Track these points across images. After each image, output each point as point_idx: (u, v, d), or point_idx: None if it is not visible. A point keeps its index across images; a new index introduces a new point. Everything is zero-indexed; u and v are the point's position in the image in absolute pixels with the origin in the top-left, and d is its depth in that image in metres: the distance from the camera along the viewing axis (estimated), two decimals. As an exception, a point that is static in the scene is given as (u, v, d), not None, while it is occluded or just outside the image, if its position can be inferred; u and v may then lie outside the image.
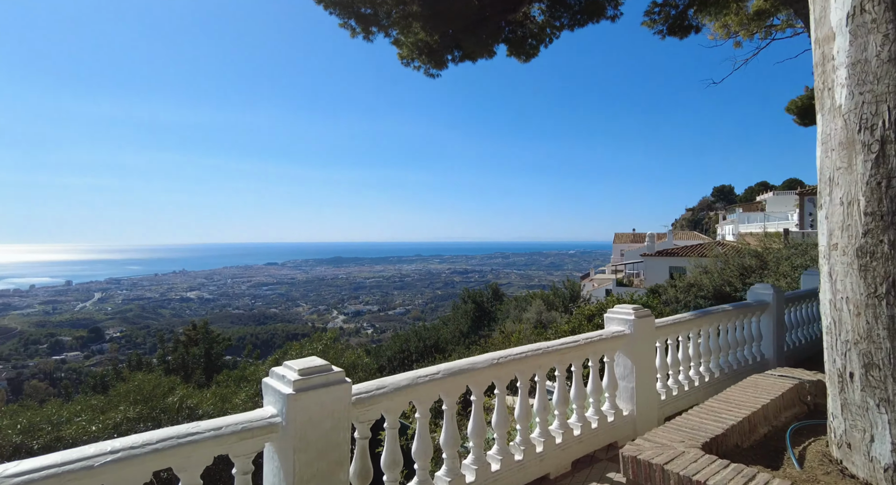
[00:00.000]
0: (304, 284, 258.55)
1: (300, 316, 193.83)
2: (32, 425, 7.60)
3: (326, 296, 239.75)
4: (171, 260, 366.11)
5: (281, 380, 2.47)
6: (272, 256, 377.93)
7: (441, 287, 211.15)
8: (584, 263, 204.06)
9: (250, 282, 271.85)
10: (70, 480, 1.81)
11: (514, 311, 37.29)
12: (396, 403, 2.87)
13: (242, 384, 11.75)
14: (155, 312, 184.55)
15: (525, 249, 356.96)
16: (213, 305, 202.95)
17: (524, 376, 3.67)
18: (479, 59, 11.14)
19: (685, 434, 2.65)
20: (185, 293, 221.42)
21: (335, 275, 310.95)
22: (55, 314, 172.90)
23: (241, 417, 2.34)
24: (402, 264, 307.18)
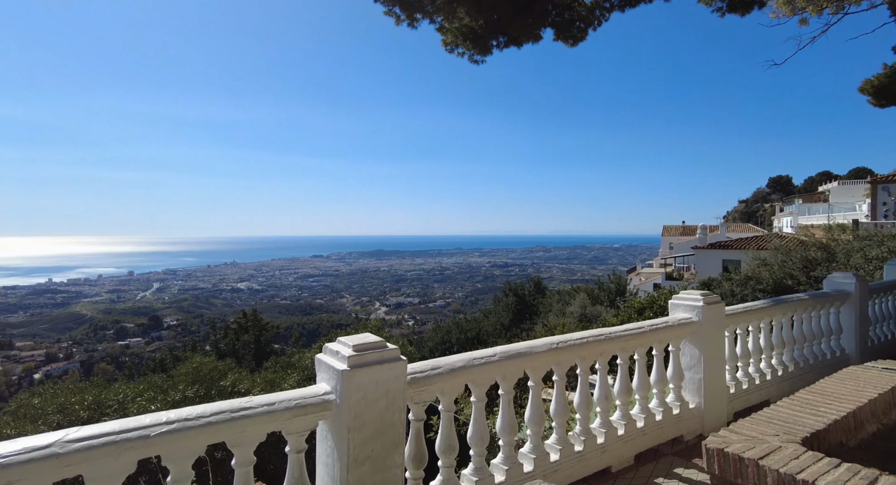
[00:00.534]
0: (347, 276, 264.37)
1: (344, 307, 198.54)
2: (100, 402, 7.97)
3: (369, 288, 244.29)
4: (223, 252, 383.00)
5: (335, 356, 2.37)
6: (318, 249, 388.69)
7: (481, 280, 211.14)
8: (629, 257, 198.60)
9: (297, 273, 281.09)
10: (127, 448, 1.76)
11: (557, 305, 36.61)
12: (452, 384, 2.71)
13: (290, 371, 12.01)
14: (208, 302, 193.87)
15: (567, 243, 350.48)
16: (261, 296, 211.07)
17: (585, 363, 3.44)
18: (525, 44, 10.80)
19: (778, 427, 2.35)
20: (236, 284, 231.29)
21: (377, 267, 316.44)
22: (119, 302, 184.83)
23: (294, 393, 2.25)
24: (443, 258, 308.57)
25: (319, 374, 2.43)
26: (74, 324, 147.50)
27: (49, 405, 7.84)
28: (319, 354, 2.48)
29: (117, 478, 1.80)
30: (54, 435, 1.69)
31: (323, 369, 2.39)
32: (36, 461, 1.59)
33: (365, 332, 12.48)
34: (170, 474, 1.95)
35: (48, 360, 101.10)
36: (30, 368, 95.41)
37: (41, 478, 1.62)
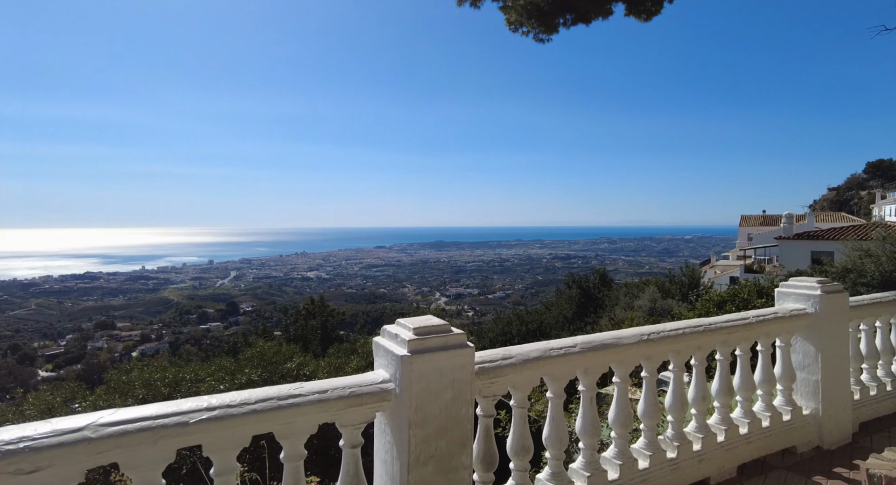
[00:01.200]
0: (409, 266, 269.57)
1: (406, 296, 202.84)
2: (177, 380, 8.34)
3: (429, 278, 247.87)
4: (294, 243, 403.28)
5: (393, 339, 2.08)
6: (381, 240, 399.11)
7: (542, 273, 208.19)
8: (701, 249, 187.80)
9: (362, 263, 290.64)
10: (164, 435, 1.57)
11: (625, 298, 35.08)
12: (526, 377, 2.36)
13: (353, 356, 12.16)
14: (280, 290, 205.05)
15: (634, 234, 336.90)
16: (329, 284, 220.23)
17: (679, 358, 2.95)
18: (594, 21, 10.05)
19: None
20: (306, 273, 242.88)
21: (437, 258, 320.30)
22: (201, 289, 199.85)
23: (349, 380, 1.99)
24: (502, 249, 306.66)
25: (377, 359, 2.17)
26: (163, 308, 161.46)
27: (136, 380, 8.28)
28: (377, 338, 2.21)
29: (155, 467, 1.62)
30: (88, 417, 1.53)
31: (381, 354, 2.12)
32: (66, 446, 1.43)
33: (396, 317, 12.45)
34: (213, 467, 1.75)
35: (143, 340, 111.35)
36: (128, 346, 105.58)
37: (72, 464, 1.46)
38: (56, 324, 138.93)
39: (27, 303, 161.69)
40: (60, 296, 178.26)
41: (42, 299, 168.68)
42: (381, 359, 2.11)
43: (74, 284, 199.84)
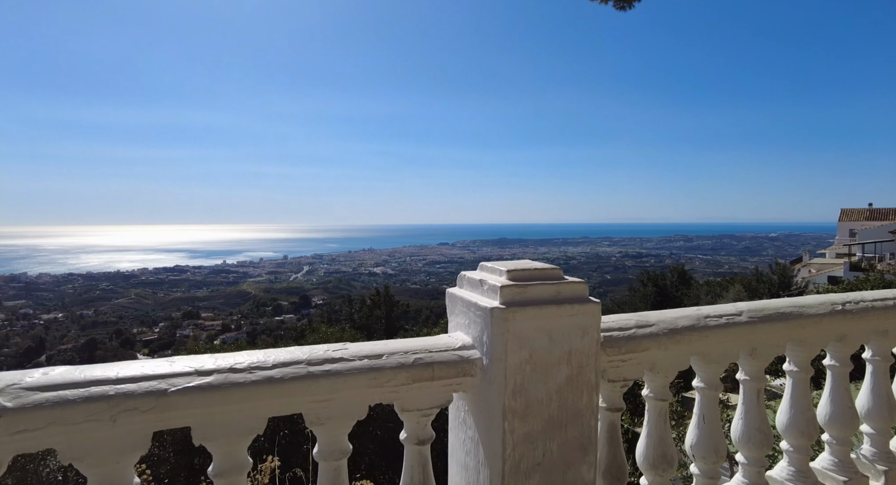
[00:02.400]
0: (472, 263, 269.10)
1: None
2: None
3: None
4: (362, 239, 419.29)
5: (477, 287, 1.40)
6: (444, 237, 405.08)
7: (610, 271, 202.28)
8: (788, 248, 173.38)
9: (425, 260, 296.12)
10: (128, 409, 0.99)
11: (706, 297, 32.72)
12: (671, 355, 1.58)
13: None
14: (348, 284, 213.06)
15: (712, 231, 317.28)
16: (394, 280, 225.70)
17: (885, 342, 2.04)
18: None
19: None
20: (373, 268, 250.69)
21: (500, 255, 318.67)
22: (276, 283, 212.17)
23: (414, 342, 1.33)
24: (568, 246, 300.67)
25: (453, 318, 1.49)
26: (242, 300, 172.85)
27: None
28: (452, 289, 1.54)
29: (118, 458, 1.05)
30: (6, 377, 0.98)
31: (458, 310, 1.45)
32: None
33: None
34: (212, 462, 1.17)
35: (223, 329, 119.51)
36: (211, 335, 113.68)
37: None
38: (151, 312, 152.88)
39: (128, 293, 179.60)
40: (155, 287, 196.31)
41: (140, 290, 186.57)
42: (460, 317, 1.44)
43: (166, 276, 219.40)
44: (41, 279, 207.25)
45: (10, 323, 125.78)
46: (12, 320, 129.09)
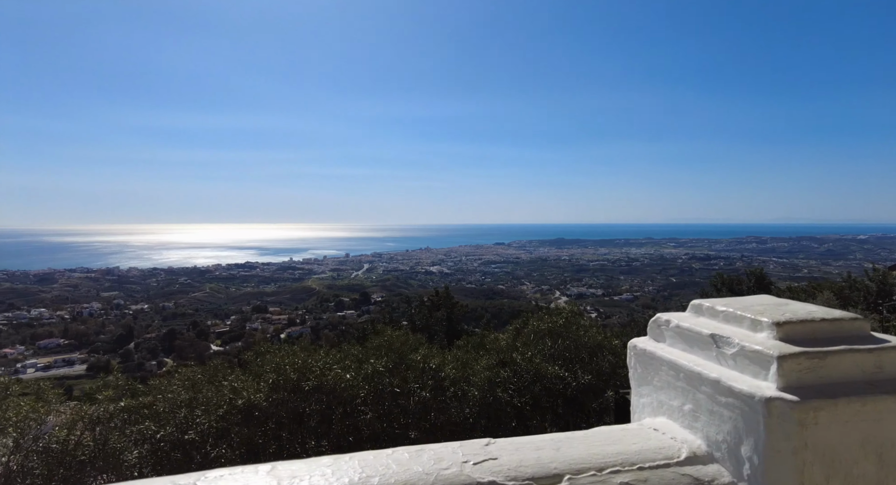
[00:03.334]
0: (528, 263, 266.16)
1: (524, 294, 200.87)
2: (306, 366, 8.06)
3: (549, 276, 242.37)
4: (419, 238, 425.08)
5: (707, 347, 0.81)
6: (500, 237, 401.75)
7: (676, 274, 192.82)
8: (881, 251, 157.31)
9: (481, 259, 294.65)
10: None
11: (792, 304, 29.72)
12: None
13: (482, 353, 11.21)
14: (406, 283, 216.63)
15: (789, 233, 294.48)
16: (450, 279, 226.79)
17: None
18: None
19: None
20: (429, 267, 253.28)
21: (557, 256, 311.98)
22: (338, 280, 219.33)
23: (598, 441, 0.77)
24: (630, 247, 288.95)
25: (647, 390, 0.91)
26: (306, 296, 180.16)
27: (268, 364, 8.18)
28: (642, 342, 0.96)
29: None
30: None
31: (664, 381, 0.86)
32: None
33: (560, 316, 10.84)
34: None
35: (289, 323, 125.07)
36: (278, 329, 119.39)
37: None
38: (223, 306, 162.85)
39: (203, 287, 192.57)
40: (227, 282, 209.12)
41: (214, 284, 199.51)
42: (668, 392, 0.86)
43: (237, 272, 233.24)
44: (131, 273, 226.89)
45: (106, 312, 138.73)
46: (107, 310, 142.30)
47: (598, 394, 9.63)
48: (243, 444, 7.44)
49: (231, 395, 7.48)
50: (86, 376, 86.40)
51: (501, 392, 8.80)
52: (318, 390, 7.92)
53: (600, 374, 9.77)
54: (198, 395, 7.73)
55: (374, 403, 8.37)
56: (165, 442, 6.93)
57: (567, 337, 10.32)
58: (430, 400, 8.63)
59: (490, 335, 11.30)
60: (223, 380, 8.34)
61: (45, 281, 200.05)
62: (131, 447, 6.77)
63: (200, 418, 7.31)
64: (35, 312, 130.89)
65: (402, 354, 8.62)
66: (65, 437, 6.69)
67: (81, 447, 6.59)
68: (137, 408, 7.45)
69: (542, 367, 9.28)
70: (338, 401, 8.16)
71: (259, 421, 7.78)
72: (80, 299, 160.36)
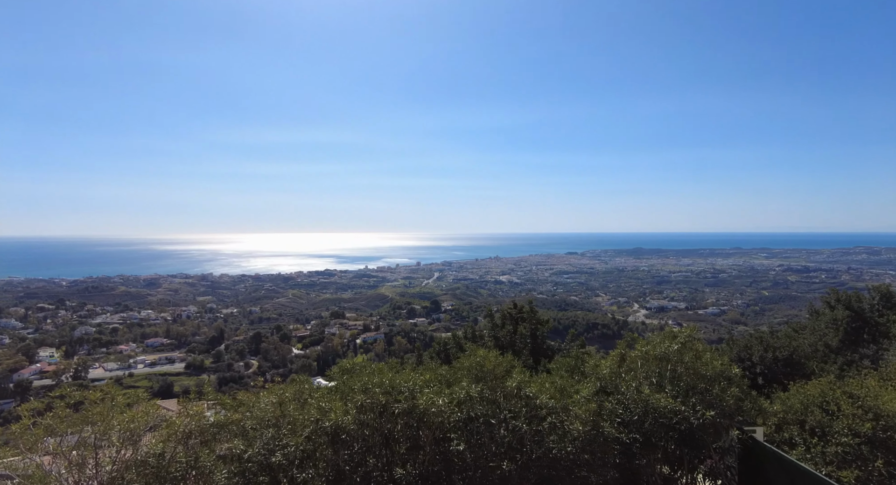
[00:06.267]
0: (603, 274, 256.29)
1: (599, 306, 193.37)
2: (394, 387, 7.60)
3: (626, 287, 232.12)
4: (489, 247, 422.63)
5: None
6: (572, 246, 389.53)
7: (769, 287, 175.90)
8: None
9: (552, 269, 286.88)
10: None
11: (930, 326, 25.52)
12: None
13: (576, 376, 10.17)
14: (475, 291, 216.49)
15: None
16: (520, 289, 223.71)
17: None
18: None
19: None
20: (499, 277, 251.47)
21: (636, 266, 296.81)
22: (410, 287, 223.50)
23: None
24: (716, 258, 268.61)
25: None
26: (380, 302, 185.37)
27: (355, 383, 7.80)
28: None
29: None
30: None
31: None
32: None
33: (674, 340, 9.55)
34: None
35: (364, 330, 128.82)
36: (354, 334, 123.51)
37: None
38: (304, 311, 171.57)
39: (286, 293, 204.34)
40: (308, 288, 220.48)
41: (296, 290, 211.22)
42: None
43: (317, 279, 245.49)
44: (222, 279, 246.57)
45: (201, 315, 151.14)
46: (202, 313, 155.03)
47: (720, 432, 8.28)
48: (330, 468, 7.02)
49: (318, 415, 7.12)
50: (184, 373, 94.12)
51: (608, 426, 7.77)
52: (408, 413, 7.37)
53: (722, 409, 8.42)
54: (284, 414, 7.46)
55: (464, 430, 7.68)
56: (252, 463, 6.66)
57: (681, 364, 9.05)
58: (525, 431, 7.79)
59: (591, 359, 10.23)
60: (309, 397, 8.05)
61: (151, 285, 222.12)
62: (221, 466, 6.57)
63: (287, 439, 7.01)
64: (144, 313, 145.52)
65: (496, 377, 7.87)
66: (160, 451, 6.63)
67: (175, 463, 6.48)
68: (226, 424, 7.30)
69: (653, 398, 8.13)
70: (427, 426, 7.56)
71: (345, 444, 7.36)
72: (179, 303, 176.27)
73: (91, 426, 6.80)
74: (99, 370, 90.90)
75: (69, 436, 6.81)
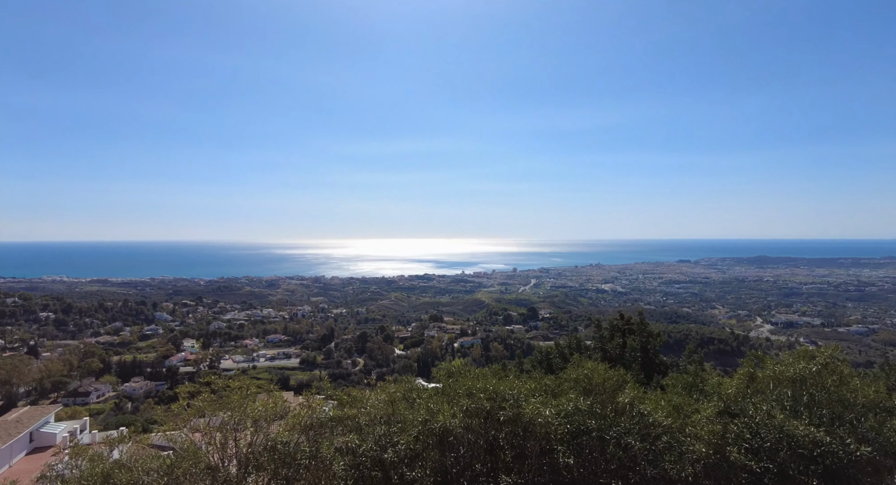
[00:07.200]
0: (720, 284, 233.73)
1: (716, 319, 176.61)
2: (498, 394, 7.58)
3: (747, 300, 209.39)
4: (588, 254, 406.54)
5: None
6: (684, 253, 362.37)
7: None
8: None
9: (661, 279, 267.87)
10: None
11: None
12: None
13: (695, 394, 9.36)
14: (575, 300, 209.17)
15: None
16: (624, 299, 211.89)
17: None
18: None
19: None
20: (600, 285, 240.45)
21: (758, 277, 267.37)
22: (506, 294, 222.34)
23: None
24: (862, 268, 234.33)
25: None
26: (477, 308, 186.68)
27: (460, 387, 7.92)
28: None
29: None
30: None
31: None
32: None
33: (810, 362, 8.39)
34: None
35: (461, 334, 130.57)
36: (452, 337, 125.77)
37: None
38: (405, 313, 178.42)
39: (389, 295, 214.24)
40: (408, 291, 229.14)
41: (398, 293, 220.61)
42: None
43: (417, 283, 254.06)
44: (333, 281, 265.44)
45: (314, 314, 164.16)
46: (315, 312, 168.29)
47: (882, 473, 7.09)
48: (437, 470, 7.18)
49: (426, 416, 7.33)
50: (298, 368, 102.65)
51: (735, 451, 7.05)
52: (513, 421, 7.31)
53: (881, 445, 7.20)
54: (395, 412, 7.79)
55: (572, 443, 7.44)
56: (366, 458, 7.03)
57: (821, 388, 7.93)
58: (637, 449, 7.35)
59: (713, 377, 9.40)
60: (417, 398, 8.33)
61: (272, 286, 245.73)
62: (339, 458, 7.03)
63: (397, 437, 7.31)
64: (265, 312, 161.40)
65: (606, 391, 7.53)
66: (286, 439, 7.28)
67: (300, 451, 7.06)
68: (343, 419, 7.81)
69: (788, 425, 7.20)
70: (532, 436, 7.45)
71: (452, 447, 7.49)
72: (295, 302, 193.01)
73: (231, 411, 7.66)
74: (229, 361, 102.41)
75: (213, 418, 7.75)
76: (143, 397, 78.94)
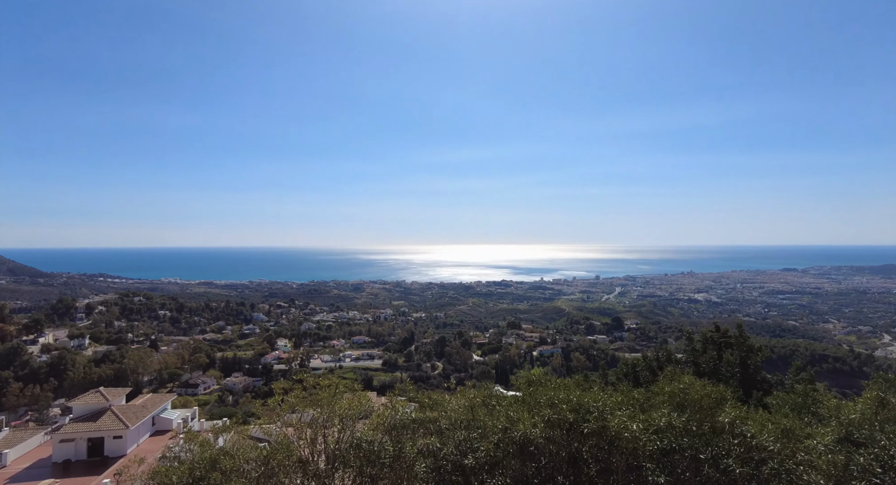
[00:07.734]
0: (834, 296, 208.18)
1: (829, 334, 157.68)
2: (581, 405, 7.30)
3: (870, 314, 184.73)
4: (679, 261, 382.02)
5: None
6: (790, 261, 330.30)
7: None
8: None
9: (763, 288, 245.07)
10: None
11: None
12: None
13: (806, 416, 8.36)
14: (664, 310, 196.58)
15: None
16: (720, 309, 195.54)
17: None
18: None
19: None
20: (693, 295, 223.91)
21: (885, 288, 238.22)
22: (588, 302, 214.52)
23: None
24: None
25: None
26: (556, 316, 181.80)
27: (541, 397, 7.74)
28: None
29: None
30: None
31: None
32: None
33: (873, 372, 7.20)
34: None
35: (540, 342, 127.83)
36: (530, 346, 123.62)
37: None
38: (483, 319, 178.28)
39: (466, 301, 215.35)
40: (486, 297, 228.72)
41: (475, 299, 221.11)
42: None
43: (495, 289, 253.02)
44: (413, 286, 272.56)
45: (395, 317, 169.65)
46: (396, 316, 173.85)
47: None
48: (517, 479, 7.06)
49: (506, 424, 7.24)
50: (381, 369, 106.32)
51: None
52: (598, 434, 7.00)
53: None
54: (475, 418, 7.78)
55: (662, 461, 6.97)
56: (447, 461, 7.08)
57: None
58: (738, 473, 6.71)
59: (827, 399, 8.38)
60: (497, 405, 8.26)
61: (357, 289, 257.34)
62: (420, 459, 7.15)
63: (477, 443, 7.29)
64: (351, 314, 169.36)
65: (702, 409, 6.98)
66: (371, 437, 7.54)
67: (384, 450, 7.28)
68: (424, 421, 7.94)
69: (931, 461, 6.19)
70: (619, 451, 7.08)
71: (532, 457, 7.33)
72: (378, 305, 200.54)
73: (320, 408, 8.08)
74: (317, 361, 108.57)
75: (304, 414, 8.23)
76: (241, 391, 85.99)
